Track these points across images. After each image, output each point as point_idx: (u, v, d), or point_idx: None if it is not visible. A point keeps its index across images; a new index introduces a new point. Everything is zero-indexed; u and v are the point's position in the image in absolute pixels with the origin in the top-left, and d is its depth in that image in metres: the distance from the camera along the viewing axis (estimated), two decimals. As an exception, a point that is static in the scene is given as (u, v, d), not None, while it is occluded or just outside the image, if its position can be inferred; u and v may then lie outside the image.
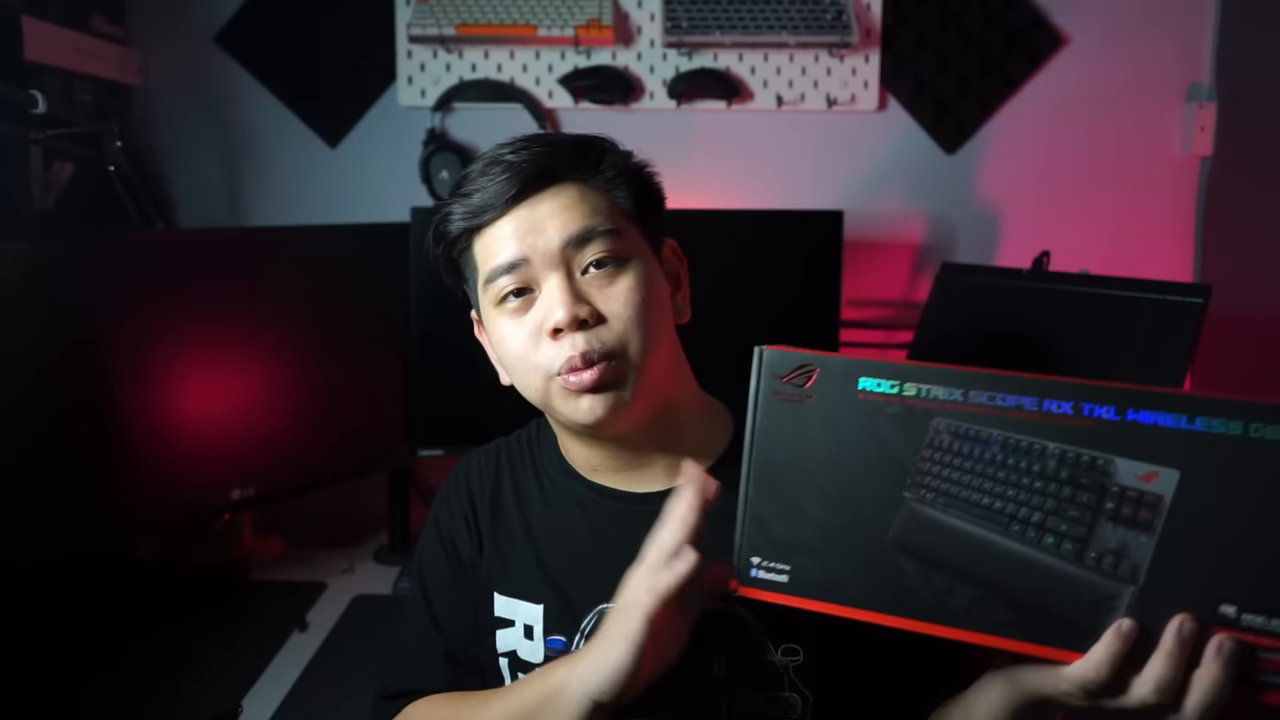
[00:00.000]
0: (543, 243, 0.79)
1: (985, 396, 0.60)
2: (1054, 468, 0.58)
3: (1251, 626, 0.54)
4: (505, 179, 0.79)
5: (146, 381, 1.39)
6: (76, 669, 1.30)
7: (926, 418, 0.61)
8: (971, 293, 1.63)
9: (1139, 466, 0.57)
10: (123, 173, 1.56)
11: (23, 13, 1.47)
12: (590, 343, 0.77)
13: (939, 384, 0.61)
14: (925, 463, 0.61)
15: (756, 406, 0.65)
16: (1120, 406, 0.57)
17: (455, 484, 0.97)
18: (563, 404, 0.80)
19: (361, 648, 1.37)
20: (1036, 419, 0.59)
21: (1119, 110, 1.83)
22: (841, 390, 0.63)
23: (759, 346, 0.65)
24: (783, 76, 1.81)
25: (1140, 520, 0.56)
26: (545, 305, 0.79)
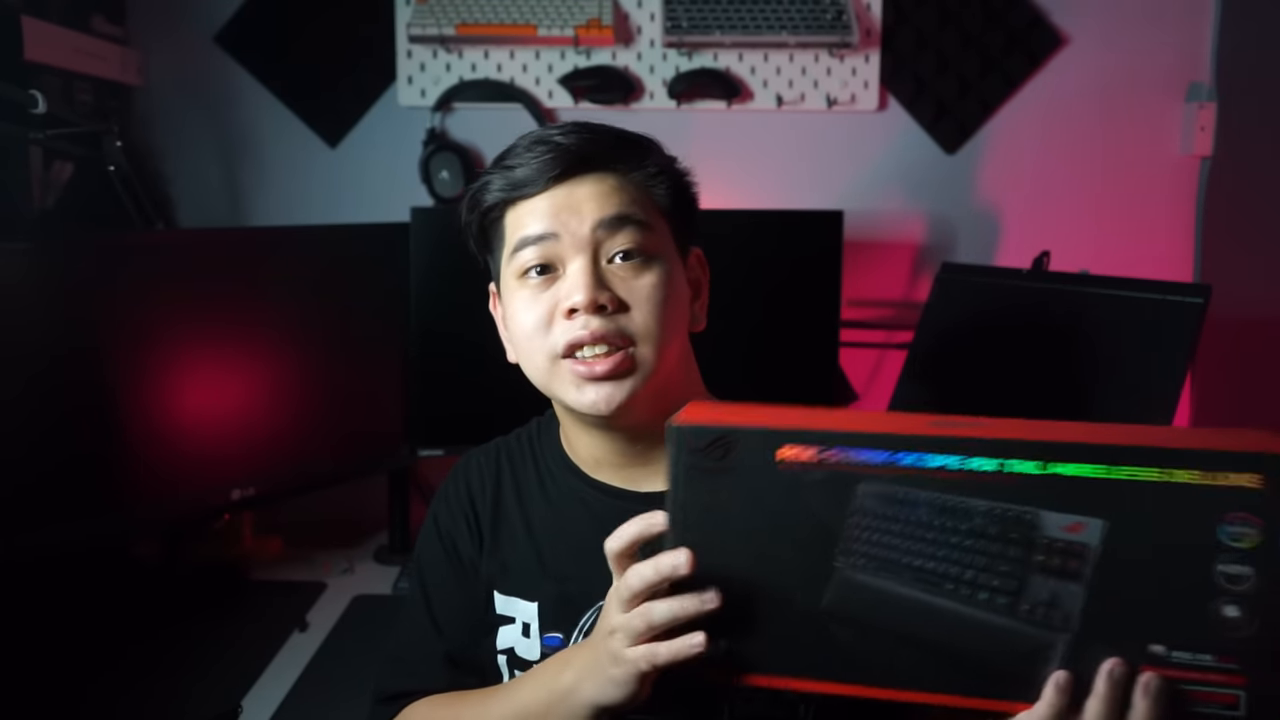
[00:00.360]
0: (575, 222, 0.79)
1: (910, 458, 0.60)
2: (982, 525, 0.59)
3: (1180, 663, 0.57)
4: (550, 157, 0.80)
5: (146, 381, 1.39)
6: (76, 669, 1.30)
7: (853, 483, 0.61)
8: (971, 293, 1.63)
9: (1064, 518, 0.58)
10: (123, 173, 1.56)
11: (23, 13, 1.47)
12: (605, 327, 0.78)
13: (861, 448, 0.60)
14: (854, 528, 0.61)
15: (677, 484, 0.63)
16: (1041, 461, 0.58)
17: (455, 483, 0.97)
18: (566, 389, 0.80)
19: (361, 648, 1.37)
20: (961, 478, 0.59)
21: (1119, 110, 1.83)
22: (762, 460, 0.62)
23: (671, 424, 0.63)
24: (783, 76, 1.81)
25: (1069, 570, 0.58)
26: (567, 285, 0.79)
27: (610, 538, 0.67)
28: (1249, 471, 0.55)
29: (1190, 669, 0.57)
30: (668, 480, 0.64)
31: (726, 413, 0.66)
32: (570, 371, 0.79)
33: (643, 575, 0.64)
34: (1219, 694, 0.56)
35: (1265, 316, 1.66)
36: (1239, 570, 0.56)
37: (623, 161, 0.82)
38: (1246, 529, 0.55)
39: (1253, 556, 0.55)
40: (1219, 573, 0.56)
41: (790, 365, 1.64)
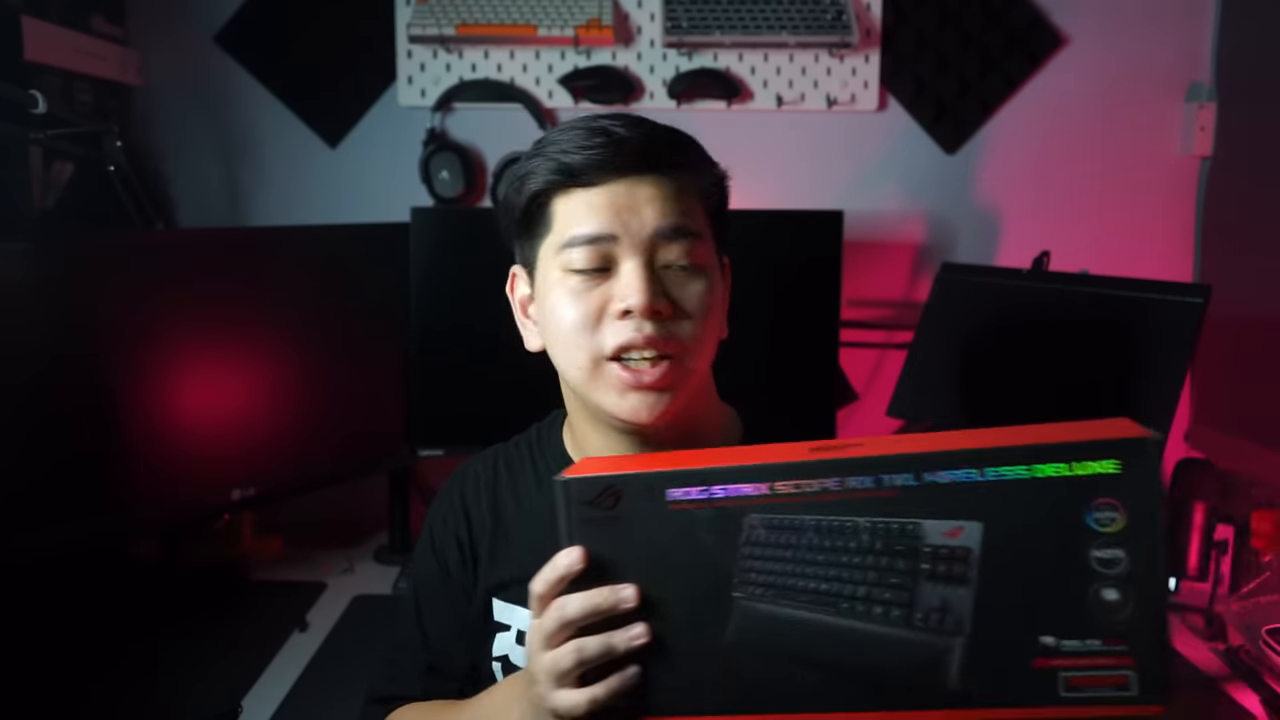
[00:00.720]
0: (636, 224, 0.77)
1: (791, 485, 0.61)
2: (868, 541, 0.61)
3: (1070, 651, 0.58)
4: (611, 151, 0.77)
5: (146, 381, 1.39)
6: (77, 669, 1.30)
7: (740, 516, 0.62)
8: (971, 293, 1.63)
9: (944, 524, 0.59)
10: (123, 173, 1.56)
11: (23, 13, 1.47)
12: (658, 333, 0.77)
13: (744, 480, 0.62)
14: (748, 559, 0.62)
15: (570, 537, 0.64)
16: (916, 472, 0.59)
17: (449, 497, 0.96)
18: (606, 393, 0.79)
19: (361, 648, 1.37)
20: (843, 497, 0.61)
21: (1119, 110, 1.83)
22: (652, 505, 0.63)
23: (558, 478, 0.64)
24: (783, 76, 1.81)
25: (955, 575, 0.59)
26: (621, 286, 0.77)
27: (535, 579, 0.66)
28: (1106, 458, 0.57)
29: (1081, 655, 0.58)
30: (560, 534, 0.65)
31: (612, 464, 0.67)
32: (615, 376, 0.78)
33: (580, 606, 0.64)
34: (1111, 676, 0.58)
35: (1265, 316, 1.66)
36: (1111, 554, 0.58)
37: (682, 167, 0.81)
38: (1112, 513, 0.57)
39: (1121, 539, 0.57)
40: (1093, 558, 0.58)
41: (790, 365, 1.64)
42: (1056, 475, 0.58)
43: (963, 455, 0.59)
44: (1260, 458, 1.58)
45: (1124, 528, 0.57)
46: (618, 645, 0.64)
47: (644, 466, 0.65)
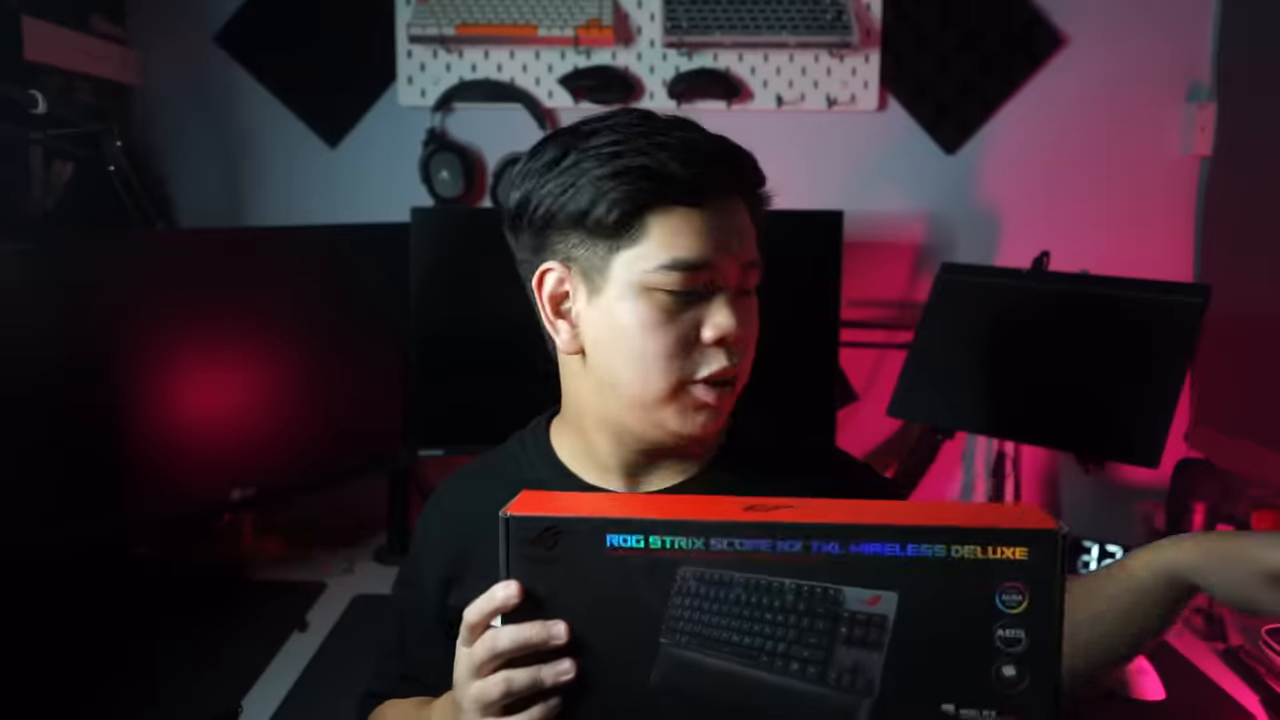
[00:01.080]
0: (731, 255, 0.79)
1: (724, 543, 0.64)
2: (792, 601, 0.65)
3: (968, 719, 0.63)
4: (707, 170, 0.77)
5: (146, 382, 1.39)
6: (76, 669, 1.30)
7: (673, 567, 0.65)
8: (971, 293, 1.63)
9: (864, 593, 0.64)
10: (123, 173, 1.56)
11: (23, 13, 1.47)
12: (737, 359, 0.80)
13: (681, 534, 0.65)
14: (677, 608, 0.65)
15: (509, 572, 0.67)
16: (843, 542, 0.64)
17: (436, 511, 0.96)
18: (679, 413, 0.80)
19: (361, 648, 1.36)
20: (771, 559, 0.64)
21: (1119, 110, 1.83)
22: (590, 549, 0.66)
23: (502, 514, 0.67)
24: (783, 76, 1.81)
25: (870, 640, 0.64)
26: (719, 316, 0.78)
27: (470, 608, 0.68)
28: (1017, 545, 0.62)
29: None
30: (500, 568, 0.67)
31: (557, 504, 0.70)
32: (698, 397, 0.79)
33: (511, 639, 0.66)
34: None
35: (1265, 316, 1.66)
36: (1013, 633, 0.63)
37: (749, 192, 0.82)
38: (1018, 596, 0.63)
39: (1023, 620, 0.63)
40: (998, 636, 0.63)
41: (790, 365, 1.64)
42: (971, 557, 0.63)
43: (888, 531, 0.63)
44: (1260, 458, 1.58)
45: (1026, 609, 0.63)
46: (545, 679, 0.66)
47: (586, 509, 0.69)
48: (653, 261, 0.77)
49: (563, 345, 0.83)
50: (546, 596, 0.67)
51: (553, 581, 0.66)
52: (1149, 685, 1.26)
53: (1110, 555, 1.65)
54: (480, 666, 0.67)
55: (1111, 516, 1.80)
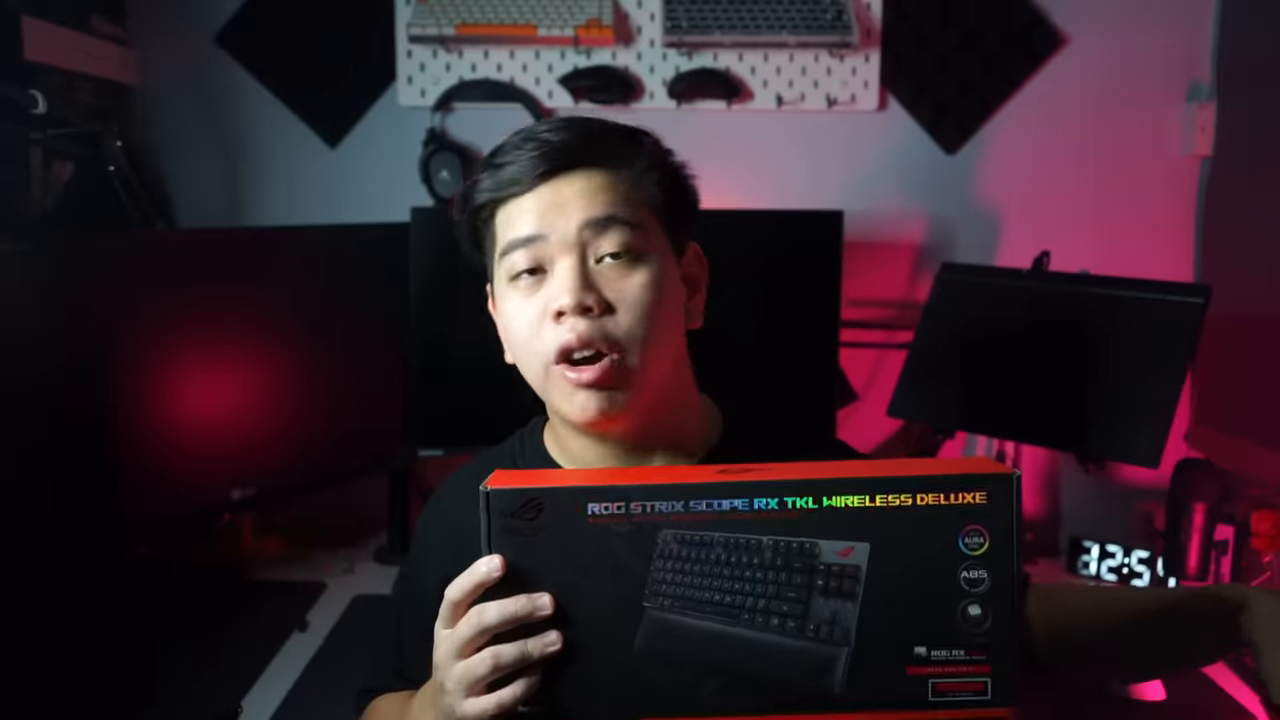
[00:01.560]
0: (562, 222, 0.78)
1: (704, 504, 0.66)
2: (770, 558, 0.67)
3: (939, 660, 0.66)
4: (536, 155, 0.78)
5: (146, 382, 1.39)
6: (76, 669, 1.30)
7: (655, 531, 0.67)
8: (971, 293, 1.63)
9: (838, 544, 0.66)
10: (123, 173, 1.56)
11: (23, 13, 1.47)
12: (591, 330, 0.76)
13: (661, 498, 0.66)
14: (659, 571, 0.67)
15: (490, 546, 0.67)
16: (816, 496, 0.66)
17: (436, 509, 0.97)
18: (559, 395, 0.80)
19: (361, 648, 1.36)
20: (750, 517, 0.66)
21: (1119, 110, 1.83)
22: (571, 518, 0.67)
23: (482, 488, 0.67)
24: (783, 76, 1.81)
25: (845, 590, 0.66)
26: (554, 287, 0.78)
27: (451, 586, 0.68)
28: (975, 490, 0.66)
29: (948, 664, 0.66)
30: (481, 543, 0.67)
31: (535, 478, 0.71)
32: (562, 378, 0.78)
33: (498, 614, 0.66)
34: (970, 683, 0.66)
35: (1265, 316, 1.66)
36: (977, 574, 0.66)
37: (612, 158, 0.80)
38: (979, 538, 0.66)
39: (984, 560, 0.66)
40: (962, 578, 0.66)
41: (790, 365, 1.64)
42: (935, 504, 0.66)
43: (858, 483, 0.66)
44: (1260, 458, 1.58)
45: (987, 550, 0.66)
46: (532, 652, 0.66)
47: (565, 481, 0.70)
48: (498, 253, 0.81)
49: (507, 357, 0.87)
50: (529, 569, 0.67)
51: (535, 553, 0.67)
52: (1149, 685, 1.26)
53: (1110, 555, 1.65)
54: (466, 644, 0.67)
55: (1111, 516, 1.80)
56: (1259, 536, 1.53)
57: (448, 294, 1.59)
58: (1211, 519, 1.55)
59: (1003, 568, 0.65)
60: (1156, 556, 1.56)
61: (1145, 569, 1.61)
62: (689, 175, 0.87)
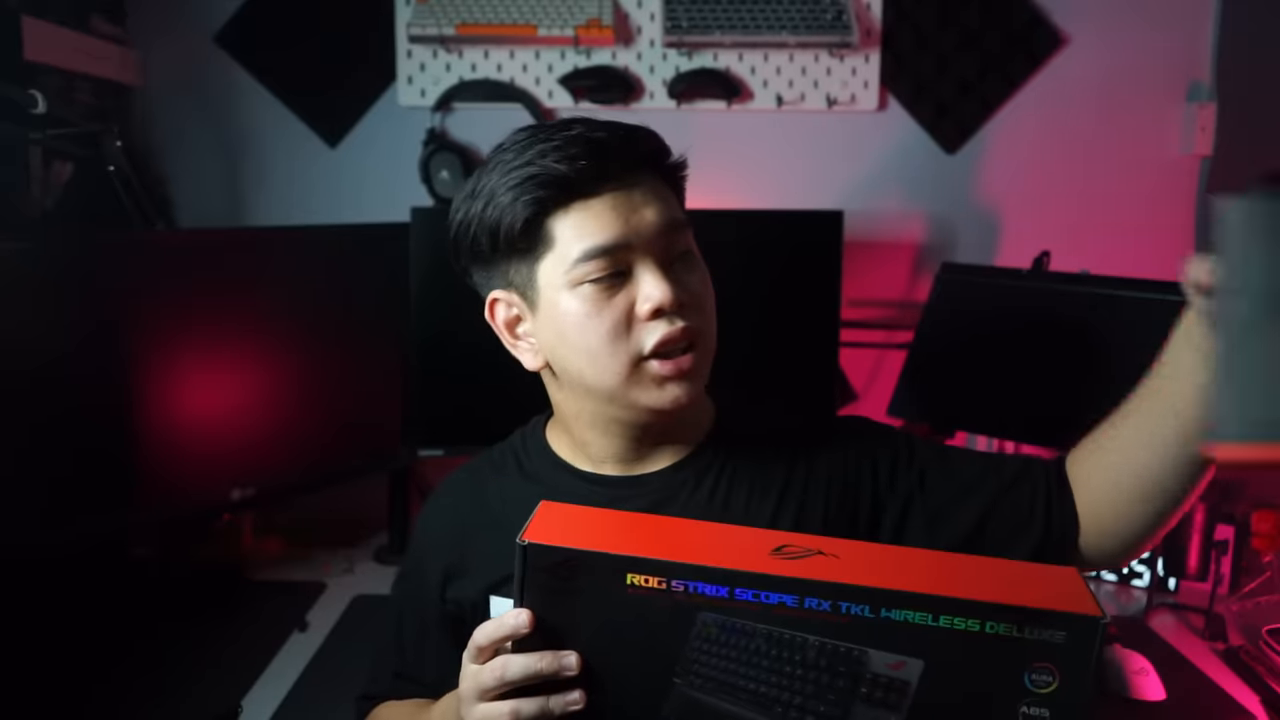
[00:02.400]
0: (645, 227, 0.78)
1: (750, 594, 0.63)
2: (814, 658, 0.63)
3: None
4: (599, 155, 0.77)
5: (146, 381, 1.39)
6: (76, 669, 1.30)
7: (694, 612, 0.64)
8: (971, 293, 1.63)
9: (889, 656, 0.62)
10: (123, 173, 1.56)
11: (23, 13, 1.47)
12: (688, 323, 0.79)
13: (705, 581, 0.63)
14: (694, 651, 0.64)
15: (523, 599, 0.66)
16: (874, 606, 0.62)
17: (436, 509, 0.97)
18: (646, 389, 0.80)
19: (361, 648, 1.36)
20: (797, 615, 0.63)
21: (1119, 110, 1.83)
22: (609, 585, 0.65)
23: (520, 540, 0.66)
24: (783, 76, 1.81)
25: (890, 703, 0.63)
26: (647, 288, 0.78)
27: (479, 630, 0.68)
28: (1055, 628, 0.61)
29: None
30: (514, 593, 0.66)
31: (576, 529, 0.68)
32: (656, 371, 0.79)
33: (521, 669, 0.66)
34: None
35: (1265, 316, 1.66)
36: (1039, 712, 0.62)
37: (657, 162, 0.83)
38: (1048, 677, 0.61)
39: (1051, 701, 0.61)
40: (1022, 713, 0.62)
41: (790, 365, 1.64)
42: (1005, 634, 0.61)
43: (921, 600, 0.62)
44: (1260, 458, 1.57)
45: (1055, 690, 0.61)
46: (553, 709, 0.66)
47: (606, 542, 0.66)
48: (568, 260, 0.78)
49: (528, 364, 0.86)
50: (561, 626, 0.66)
51: (568, 612, 0.65)
52: (1149, 685, 1.26)
53: (1110, 555, 1.65)
54: (487, 690, 0.67)
55: (1111, 516, 1.80)
56: (1259, 536, 1.53)
57: (448, 294, 1.59)
58: (1211, 519, 1.55)
59: (1069, 711, 0.61)
60: (1156, 556, 1.56)
61: (1145, 569, 1.61)
62: None
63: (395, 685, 0.95)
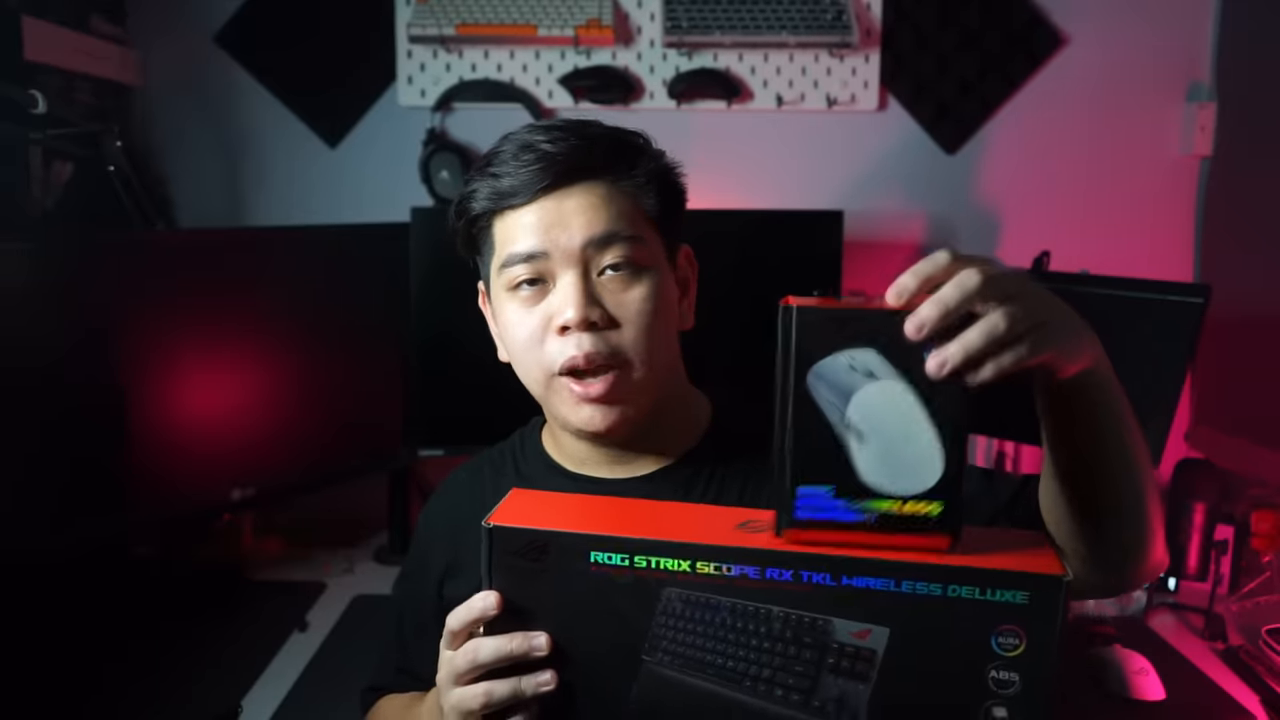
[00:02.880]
0: (565, 239, 0.78)
1: (711, 566, 0.63)
2: (779, 629, 0.63)
3: None
4: (538, 168, 0.78)
5: (146, 382, 1.39)
6: (77, 669, 1.30)
7: (659, 587, 0.64)
8: (971, 293, 1.63)
9: (854, 625, 0.62)
10: (123, 173, 1.56)
11: (23, 13, 1.47)
12: (596, 345, 0.77)
13: (667, 555, 0.63)
14: (660, 628, 0.65)
15: (490, 581, 0.66)
16: (835, 573, 0.62)
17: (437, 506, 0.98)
18: (562, 406, 0.81)
19: (361, 648, 1.36)
20: (760, 586, 0.63)
21: (1119, 110, 1.83)
22: (574, 564, 0.65)
23: (486, 524, 0.66)
24: (783, 76, 1.81)
25: (857, 671, 0.62)
26: (558, 301, 0.78)
27: (451, 615, 0.68)
28: (1018, 589, 0.60)
29: None
30: (483, 576, 0.67)
31: (543, 512, 0.68)
32: (566, 389, 0.79)
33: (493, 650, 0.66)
34: None
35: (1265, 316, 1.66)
36: (1007, 676, 0.61)
37: (612, 170, 0.80)
38: (1014, 639, 0.61)
39: (1018, 663, 0.61)
40: (990, 678, 0.61)
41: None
42: (969, 597, 0.61)
43: (883, 565, 0.61)
44: (1260, 458, 1.58)
45: (1022, 653, 0.61)
46: (525, 690, 0.66)
47: (572, 522, 0.67)
48: (498, 264, 0.81)
49: (500, 355, 0.87)
50: (530, 607, 0.66)
51: (536, 593, 0.66)
52: (1149, 685, 1.26)
53: (1110, 555, 1.65)
54: (461, 675, 0.68)
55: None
56: (1259, 536, 1.53)
57: (448, 294, 1.59)
58: (1211, 519, 1.55)
59: (1037, 673, 0.61)
60: (1156, 556, 1.55)
61: (1145, 569, 1.61)
62: (680, 175, 0.87)
63: (397, 679, 0.97)
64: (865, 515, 0.62)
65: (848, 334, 0.60)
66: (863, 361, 0.60)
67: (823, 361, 0.61)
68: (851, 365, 0.61)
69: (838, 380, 0.61)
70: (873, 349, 0.60)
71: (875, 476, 0.62)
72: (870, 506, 0.62)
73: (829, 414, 0.61)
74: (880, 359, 0.60)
